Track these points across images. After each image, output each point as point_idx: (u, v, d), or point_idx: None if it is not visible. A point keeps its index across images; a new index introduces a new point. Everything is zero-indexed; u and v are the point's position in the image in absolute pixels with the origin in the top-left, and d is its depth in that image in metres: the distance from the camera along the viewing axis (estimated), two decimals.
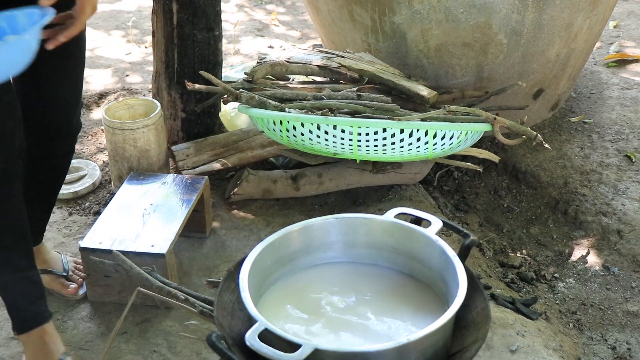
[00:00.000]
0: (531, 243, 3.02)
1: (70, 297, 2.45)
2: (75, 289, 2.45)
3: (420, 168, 2.98)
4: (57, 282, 2.44)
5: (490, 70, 3.15)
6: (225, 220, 2.84)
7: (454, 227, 1.65)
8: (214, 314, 1.50)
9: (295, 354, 1.27)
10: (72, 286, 2.45)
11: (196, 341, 2.25)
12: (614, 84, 3.82)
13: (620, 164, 3.23)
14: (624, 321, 2.59)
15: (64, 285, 2.45)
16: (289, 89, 2.90)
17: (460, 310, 1.39)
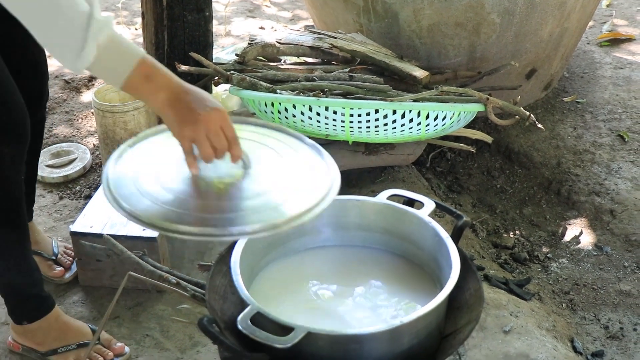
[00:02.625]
0: (524, 223, 3.02)
1: (56, 280, 2.44)
2: (62, 272, 2.45)
3: (413, 149, 2.97)
4: (45, 264, 2.43)
5: (483, 50, 3.14)
6: None
7: (446, 208, 1.64)
8: (206, 298, 1.49)
9: (288, 337, 1.26)
10: (59, 269, 2.45)
11: (188, 325, 2.24)
12: (607, 64, 3.80)
13: (613, 143, 3.22)
14: (617, 301, 2.59)
15: (50, 268, 2.44)
16: (281, 70, 2.88)
17: (453, 291, 1.38)
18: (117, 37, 1.31)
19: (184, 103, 1.33)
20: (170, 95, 1.33)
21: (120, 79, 1.31)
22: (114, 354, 2.15)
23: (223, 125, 1.35)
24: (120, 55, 1.31)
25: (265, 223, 1.28)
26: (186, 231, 1.25)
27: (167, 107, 1.33)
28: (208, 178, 1.38)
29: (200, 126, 1.32)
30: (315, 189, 1.38)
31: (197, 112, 1.32)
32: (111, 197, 1.33)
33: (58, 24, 1.25)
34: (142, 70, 1.32)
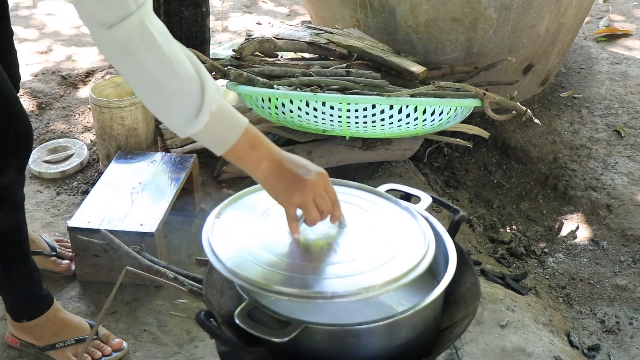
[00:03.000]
0: (521, 218, 3.03)
1: (65, 273, 2.45)
2: (68, 265, 2.46)
3: (410, 144, 2.97)
4: (49, 262, 2.44)
5: (479, 45, 3.14)
6: (215, 199, 2.82)
7: (443, 203, 1.64)
8: (203, 292, 1.49)
9: (285, 331, 1.26)
10: (65, 262, 2.46)
11: (186, 320, 2.25)
12: (604, 59, 3.81)
13: (609, 138, 3.23)
14: (613, 295, 2.60)
15: (56, 264, 2.45)
16: (278, 65, 2.88)
17: (450, 285, 1.39)
18: (226, 106, 1.33)
19: (288, 171, 1.36)
20: (274, 164, 1.35)
21: (225, 146, 1.33)
22: (112, 349, 2.16)
23: (327, 188, 1.38)
24: (229, 123, 1.33)
25: (360, 287, 1.29)
26: (288, 292, 1.27)
27: (272, 177, 1.36)
28: (307, 239, 1.42)
29: (308, 192, 1.35)
30: (410, 251, 1.39)
31: (303, 178, 1.35)
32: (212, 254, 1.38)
33: (173, 93, 1.28)
34: (247, 139, 1.34)
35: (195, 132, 1.30)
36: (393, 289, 1.31)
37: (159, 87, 1.27)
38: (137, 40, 1.24)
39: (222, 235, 1.42)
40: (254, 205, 1.52)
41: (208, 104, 1.28)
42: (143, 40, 1.24)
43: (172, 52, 1.27)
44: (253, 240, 1.41)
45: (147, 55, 1.25)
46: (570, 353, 2.25)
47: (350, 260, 1.37)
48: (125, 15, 1.22)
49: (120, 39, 1.24)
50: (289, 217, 1.38)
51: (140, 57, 1.25)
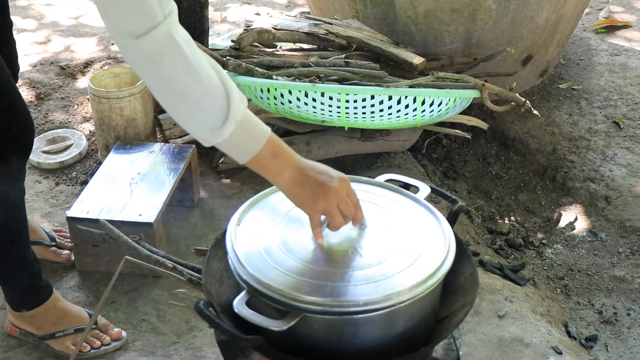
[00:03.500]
0: (519, 210, 3.03)
1: (65, 263, 2.46)
2: (68, 255, 2.47)
3: (409, 135, 2.98)
4: (49, 252, 2.44)
5: (479, 36, 3.14)
6: (213, 189, 2.83)
7: (442, 193, 1.64)
8: (202, 282, 1.49)
9: (283, 320, 1.27)
10: (65, 252, 2.47)
11: (185, 309, 2.25)
12: (603, 50, 3.81)
13: (608, 130, 3.23)
14: (611, 286, 2.61)
15: (56, 254, 2.45)
16: (277, 56, 2.88)
17: (448, 275, 1.39)
18: (249, 115, 1.33)
19: (311, 178, 1.37)
20: (296, 173, 1.37)
21: (248, 155, 1.34)
22: (111, 338, 2.16)
23: (349, 193, 1.40)
24: (252, 133, 1.33)
25: (391, 292, 1.29)
26: (320, 303, 1.28)
27: (295, 185, 1.37)
28: (330, 244, 1.42)
29: (332, 198, 1.37)
30: (432, 248, 1.41)
31: (327, 185, 1.36)
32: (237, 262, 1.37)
33: (199, 102, 1.27)
34: (270, 149, 1.34)
35: (220, 142, 1.31)
36: (422, 291, 1.32)
37: (185, 96, 1.27)
38: (164, 50, 1.24)
39: (246, 245, 1.42)
40: (273, 209, 1.52)
41: (234, 114, 1.28)
42: (169, 50, 1.24)
43: (198, 61, 1.26)
44: (278, 247, 1.41)
45: (173, 65, 1.25)
46: (567, 343, 2.26)
47: (377, 263, 1.37)
48: (153, 26, 1.22)
49: (148, 49, 1.23)
50: (313, 223, 1.39)
51: (166, 66, 1.25)
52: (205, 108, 1.28)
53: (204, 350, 2.15)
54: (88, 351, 2.13)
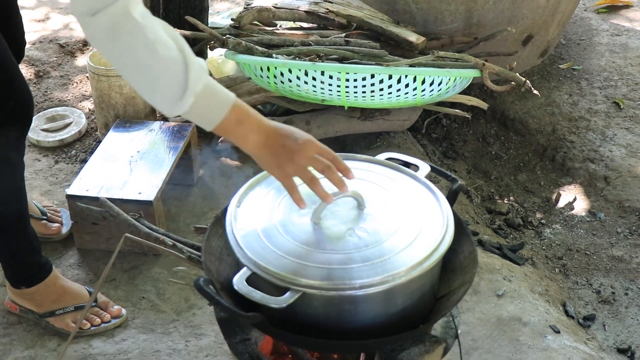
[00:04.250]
0: (519, 190, 3.03)
1: (55, 237, 2.47)
2: (58, 228, 2.48)
3: (409, 115, 2.97)
4: (40, 225, 2.45)
5: (479, 15, 3.12)
6: (213, 168, 2.83)
7: (441, 171, 1.64)
8: (202, 259, 1.49)
9: (283, 297, 1.27)
10: (55, 225, 2.48)
11: (184, 287, 2.26)
12: (604, 30, 3.79)
13: (608, 110, 3.23)
14: (609, 266, 2.62)
15: (46, 227, 2.47)
16: (276, 35, 2.87)
17: (447, 254, 1.39)
18: (211, 84, 1.34)
19: (277, 142, 1.37)
20: (262, 137, 1.37)
21: (213, 123, 1.35)
22: (111, 316, 2.17)
23: (319, 152, 1.39)
24: (215, 101, 1.35)
25: (387, 275, 1.30)
26: (317, 286, 1.28)
27: (261, 149, 1.37)
28: (329, 226, 1.42)
29: (298, 160, 1.37)
30: (430, 228, 1.41)
31: (291, 148, 1.36)
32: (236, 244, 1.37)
33: (157, 76, 1.29)
34: (234, 115, 1.35)
35: (182, 113, 1.32)
36: (418, 273, 1.32)
37: (144, 70, 1.29)
38: (121, 26, 1.26)
39: (245, 227, 1.42)
40: (273, 191, 1.52)
41: (192, 86, 1.29)
42: (126, 26, 1.26)
43: (156, 36, 1.28)
44: (276, 229, 1.42)
45: (130, 40, 1.27)
46: (565, 323, 2.27)
47: (375, 244, 1.37)
48: (109, 3, 1.24)
49: (104, 26, 1.26)
50: (287, 188, 1.40)
51: (123, 41, 1.27)
52: (164, 81, 1.29)
53: (203, 328, 2.16)
54: (88, 328, 2.15)
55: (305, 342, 1.41)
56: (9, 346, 2.11)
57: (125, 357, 2.07)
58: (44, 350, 2.10)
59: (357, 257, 1.34)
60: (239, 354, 1.48)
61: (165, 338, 2.12)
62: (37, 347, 2.11)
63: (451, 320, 1.57)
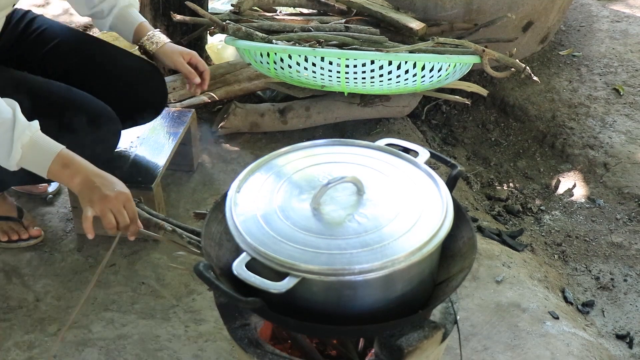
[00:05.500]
0: (518, 176, 3.04)
1: (41, 194, 2.58)
2: (45, 187, 2.59)
3: (409, 101, 2.97)
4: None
5: (479, 2, 3.11)
6: (213, 154, 2.83)
7: (441, 157, 1.64)
8: (202, 244, 1.50)
9: (282, 282, 1.27)
10: (42, 184, 2.58)
11: (184, 273, 2.26)
12: (604, 17, 3.78)
13: (608, 97, 3.23)
14: (608, 252, 2.62)
15: (33, 185, 2.56)
16: (276, 20, 2.86)
17: (446, 240, 1.39)
18: (39, 139, 1.67)
19: (95, 185, 1.65)
20: (85, 179, 1.66)
21: (44, 169, 1.67)
22: (30, 235, 2.38)
23: (126, 206, 1.66)
24: (41, 151, 1.67)
25: (386, 260, 1.30)
26: (316, 271, 1.29)
27: (83, 188, 1.66)
28: (329, 212, 1.42)
29: (106, 204, 1.64)
30: (430, 214, 1.41)
31: (104, 193, 1.64)
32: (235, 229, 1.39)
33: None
34: (59, 161, 1.67)
35: (14, 164, 1.66)
36: (417, 258, 1.32)
37: None
38: None
39: (245, 212, 1.43)
40: (272, 176, 1.53)
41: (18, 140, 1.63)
42: None
43: None
44: (276, 214, 1.42)
45: None
46: (564, 309, 2.28)
47: (374, 229, 1.37)
48: None
49: None
50: (84, 217, 1.65)
51: None
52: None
53: (203, 314, 2.16)
54: (5, 241, 2.36)
55: (305, 327, 1.42)
56: (8, 331, 2.12)
57: (125, 342, 2.07)
58: (44, 335, 2.11)
59: (357, 243, 1.34)
60: (238, 339, 1.48)
61: (165, 323, 2.13)
62: (37, 331, 2.12)
63: (450, 306, 1.57)
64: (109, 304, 2.20)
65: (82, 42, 2.29)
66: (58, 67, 2.21)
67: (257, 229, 1.38)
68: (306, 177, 1.51)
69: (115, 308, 2.19)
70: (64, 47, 2.25)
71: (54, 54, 2.23)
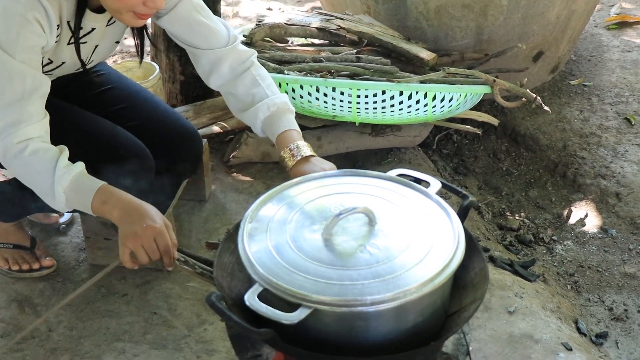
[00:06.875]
0: (530, 206, 3.03)
1: (53, 225, 2.59)
2: (56, 217, 2.61)
3: (420, 131, 2.98)
4: (40, 214, 2.58)
5: (490, 32, 3.13)
6: (225, 184, 2.84)
7: (452, 188, 1.65)
8: (214, 275, 1.50)
9: (295, 313, 1.27)
10: (54, 215, 2.60)
11: (196, 303, 2.26)
12: (615, 47, 3.79)
13: (619, 126, 3.22)
14: (621, 283, 2.61)
15: (46, 215, 2.59)
16: (288, 51, 2.89)
17: (458, 270, 1.39)
18: (78, 179, 1.72)
19: (129, 220, 1.68)
20: (121, 213, 1.70)
21: (88, 208, 1.72)
22: (41, 265, 2.39)
23: (157, 239, 1.67)
24: (82, 192, 1.72)
25: (398, 291, 1.30)
26: (323, 301, 1.29)
27: (118, 223, 1.69)
28: (340, 242, 1.43)
29: (137, 240, 1.66)
30: (441, 245, 1.42)
31: (134, 229, 1.66)
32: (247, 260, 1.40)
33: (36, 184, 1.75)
34: (99, 199, 1.71)
35: (63, 207, 1.73)
36: (429, 289, 1.32)
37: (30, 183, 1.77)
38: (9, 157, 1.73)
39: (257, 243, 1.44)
40: (284, 206, 1.53)
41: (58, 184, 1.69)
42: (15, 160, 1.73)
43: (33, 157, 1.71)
44: (288, 245, 1.42)
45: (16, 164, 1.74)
46: (578, 340, 2.26)
47: (386, 260, 1.37)
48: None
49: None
50: (120, 256, 1.70)
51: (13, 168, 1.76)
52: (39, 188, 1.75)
53: (215, 344, 2.16)
54: (17, 270, 2.37)
55: (317, 359, 1.41)
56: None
57: None
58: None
59: (368, 274, 1.34)
60: None
61: (177, 354, 2.13)
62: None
63: (462, 337, 1.56)
64: (120, 334, 2.20)
65: (134, 94, 2.30)
66: (105, 109, 2.23)
67: (269, 260, 1.38)
68: (318, 208, 1.51)
69: (127, 338, 2.19)
70: (117, 93, 2.29)
71: (105, 97, 2.27)
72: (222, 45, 2.04)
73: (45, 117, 1.79)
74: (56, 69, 1.99)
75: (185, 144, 2.28)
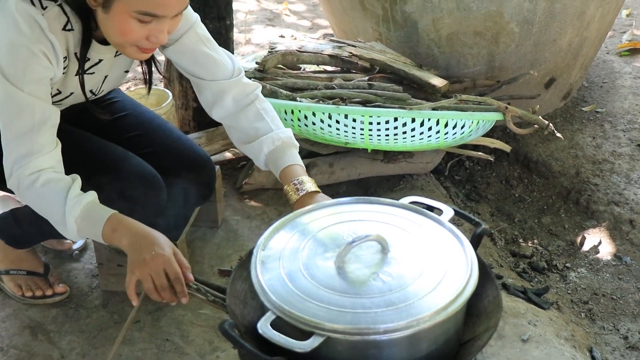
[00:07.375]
0: (543, 233, 3.02)
1: (67, 251, 2.61)
2: (70, 244, 2.62)
3: (432, 157, 2.98)
4: (53, 240, 2.60)
5: (501, 59, 3.14)
6: (237, 210, 2.85)
7: (465, 215, 1.65)
8: (227, 302, 1.50)
9: (307, 341, 1.27)
10: (67, 241, 2.61)
11: (208, 330, 2.26)
12: (627, 73, 3.80)
13: (632, 153, 3.22)
14: (636, 311, 2.59)
15: (59, 242, 2.60)
16: (300, 78, 2.90)
17: (472, 298, 1.39)
18: (89, 208, 1.74)
19: (137, 248, 1.68)
20: (130, 241, 1.70)
21: (99, 236, 1.74)
22: (54, 291, 2.39)
23: (166, 267, 1.66)
24: (93, 221, 1.74)
25: (411, 319, 1.31)
26: (336, 329, 1.30)
27: (128, 250, 1.70)
28: (353, 270, 1.44)
29: (145, 268, 1.66)
30: (454, 273, 1.42)
31: (142, 256, 1.66)
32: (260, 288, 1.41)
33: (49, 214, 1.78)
34: (109, 227, 1.72)
35: (75, 236, 1.75)
36: (442, 317, 1.32)
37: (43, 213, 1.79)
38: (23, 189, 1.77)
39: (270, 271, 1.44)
40: (296, 235, 1.54)
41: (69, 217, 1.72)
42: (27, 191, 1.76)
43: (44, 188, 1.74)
44: (301, 273, 1.43)
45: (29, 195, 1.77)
46: None
47: (399, 288, 1.38)
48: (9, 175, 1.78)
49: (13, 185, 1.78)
50: (126, 284, 1.68)
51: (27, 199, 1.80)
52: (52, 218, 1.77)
53: None
54: (30, 296, 2.37)
55: None
56: None
57: None
58: None
59: (381, 302, 1.34)
60: None
61: None
62: None
63: None
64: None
65: (148, 121, 2.32)
66: (120, 136, 2.25)
67: (282, 288, 1.39)
68: (331, 235, 1.51)
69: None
70: (131, 120, 2.30)
71: (120, 124, 2.28)
72: (226, 77, 2.05)
73: (57, 147, 1.80)
74: (65, 99, 2.00)
75: (198, 171, 2.29)
